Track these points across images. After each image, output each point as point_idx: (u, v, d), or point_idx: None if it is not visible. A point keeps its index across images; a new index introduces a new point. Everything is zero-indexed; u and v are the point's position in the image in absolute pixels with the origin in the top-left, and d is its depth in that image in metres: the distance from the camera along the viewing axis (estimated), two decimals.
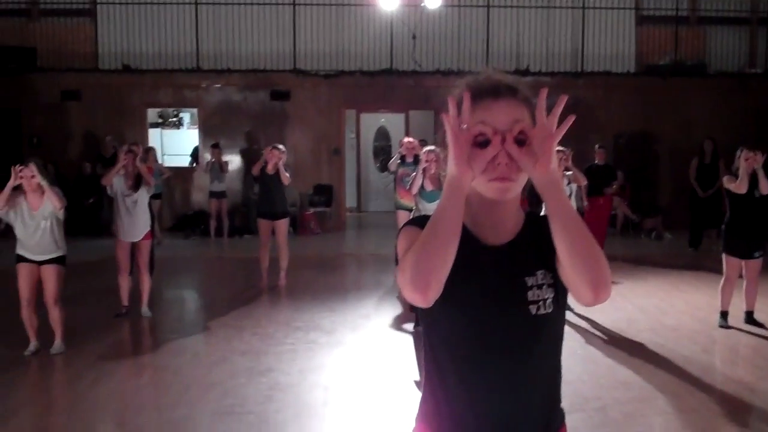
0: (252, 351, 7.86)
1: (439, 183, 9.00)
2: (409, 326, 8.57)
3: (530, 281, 2.05)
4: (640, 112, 17.38)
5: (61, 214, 7.60)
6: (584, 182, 10.03)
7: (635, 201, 16.85)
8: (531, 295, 2.04)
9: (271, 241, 11.09)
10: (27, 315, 7.64)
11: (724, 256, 8.79)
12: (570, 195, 9.43)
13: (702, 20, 18.33)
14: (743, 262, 8.63)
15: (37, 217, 7.49)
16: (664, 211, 16.73)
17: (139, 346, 8.52)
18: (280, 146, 11.09)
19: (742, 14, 18.29)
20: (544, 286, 2.05)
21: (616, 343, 8.08)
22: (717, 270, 12.19)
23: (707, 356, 7.71)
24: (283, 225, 11.10)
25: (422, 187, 9.00)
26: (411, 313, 8.64)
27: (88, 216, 15.60)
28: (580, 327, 8.62)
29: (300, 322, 9.01)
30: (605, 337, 8.32)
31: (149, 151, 14.38)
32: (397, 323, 8.99)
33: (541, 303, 2.04)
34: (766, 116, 17.00)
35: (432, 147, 9.44)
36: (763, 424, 5.96)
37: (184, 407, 6.24)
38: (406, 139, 11.97)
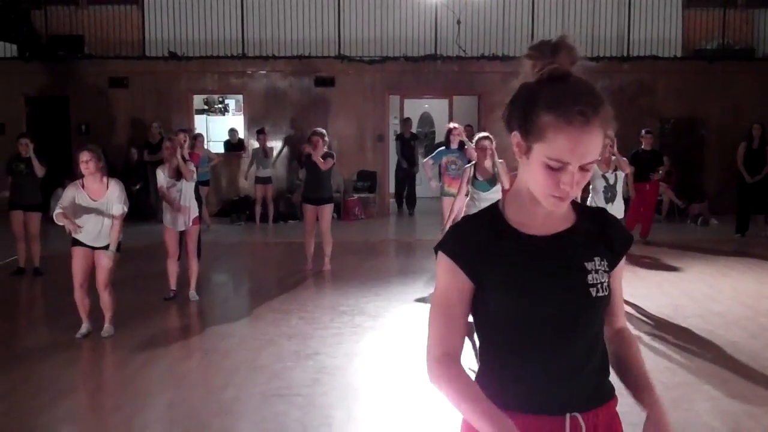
0: (298, 335, 7.94)
1: (490, 173, 9.00)
2: None
3: (589, 266, 2.16)
4: (686, 97, 17.19)
5: (119, 208, 7.67)
6: (629, 170, 9.96)
7: (681, 186, 16.69)
8: (591, 278, 2.15)
9: (316, 226, 11.17)
10: (79, 298, 7.78)
11: None
12: (615, 182, 9.38)
13: (750, 3, 18.04)
14: None
15: (99, 207, 7.58)
16: (711, 196, 16.55)
17: (187, 329, 8.63)
18: (320, 130, 11.13)
19: None
20: (601, 271, 2.18)
21: (663, 329, 8.04)
22: (764, 256, 12.14)
23: (756, 342, 7.63)
24: (327, 211, 11.15)
25: (475, 177, 8.97)
26: None
27: (135, 201, 15.78)
28: (627, 313, 8.56)
29: (345, 307, 9.08)
30: (651, 323, 8.28)
31: (197, 138, 14.53)
32: None
33: (599, 286, 2.16)
34: None
35: (486, 134, 9.38)
36: None
37: (232, 389, 6.33)
38: (452, 125, 11.91)
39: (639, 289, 9.64)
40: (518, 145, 2.14)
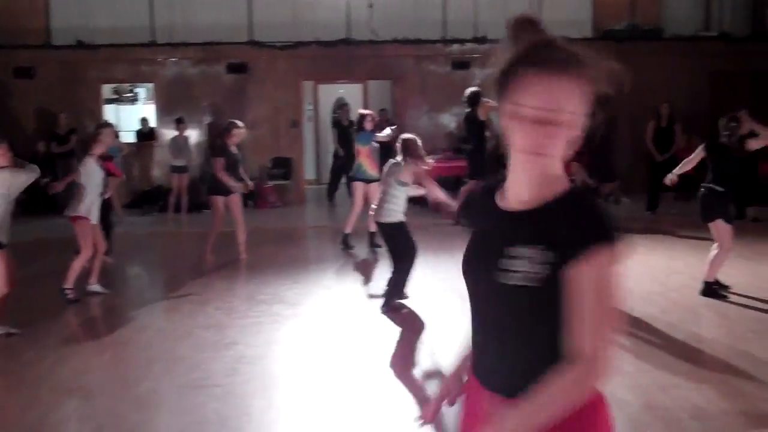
0: (216, 325, 7.85)
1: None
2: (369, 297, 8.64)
3: (514, 251, 2.03)
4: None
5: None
6: None
7: (593, 166, 16.92)
8: (506, 263, 2.03)
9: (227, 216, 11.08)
10: None
11: (721, 223, 8.22)
12: None
13: None
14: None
15: None
16: (622, 175, 16.83)
17: (103, 323, 8.46)
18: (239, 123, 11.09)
19: None
20: (529, 260, 2.00)
21: None
22: (674, 233, 12.44)
23: (666, 316, 7.80)
24: (236, 200, 11.05)
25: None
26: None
27: (42, 195, 15.37)
28: None
29: (263, 295, 9.01)
30: None
31: (104, 128, 14.17)
32: (358, 293, 9.03)
33: (516, 274, 2.01)
34: (721, 79, 17.14)
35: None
36: (718, 377, 6.08)
37: (149, 381, 6.24)
38: (364, 111, 11.94)
39: None
40: (502, 109, 2.12)
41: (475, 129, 11.98)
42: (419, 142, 8.17)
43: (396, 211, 8.01)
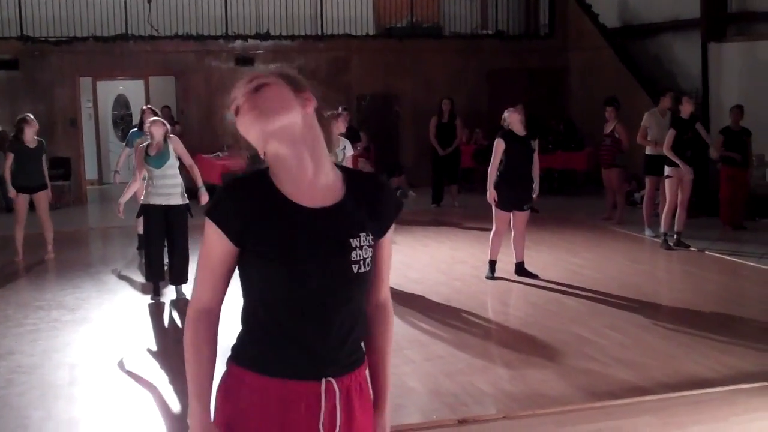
0: None
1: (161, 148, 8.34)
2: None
3: (354, 242, 2.22)
4: (381, 73, 17.72)
5: None
6: None
7: (380, 161, 17.22)
8: (354, 255, 2.22)
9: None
10: None
11: (495, 210, 8.85)
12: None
13: None
14: (512, 214, 8.87)
15: None
16: (408, 169, 17.21)
17: None
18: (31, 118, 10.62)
19: None
20: (365, 247, 2.24)
21: None
22: (458, 224, 12.84)
23: (451, 304, 8.04)
24: (43, 197, 10.69)
25: (147, 153, 8.29)
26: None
27: None
28: None
29: (41, 302, 8.57)
30: None
31: None
32: (141, 295, 8.75)
33: (362, 262, 2.23)
34: (497, 75, 17.85)
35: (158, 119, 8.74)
36: (502, 361, 6.31)
37: None
38: (145, 107, 11.57)
39: None
40: None
41: None
42: None
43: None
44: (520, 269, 9.07)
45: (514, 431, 5.03)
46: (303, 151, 2.22)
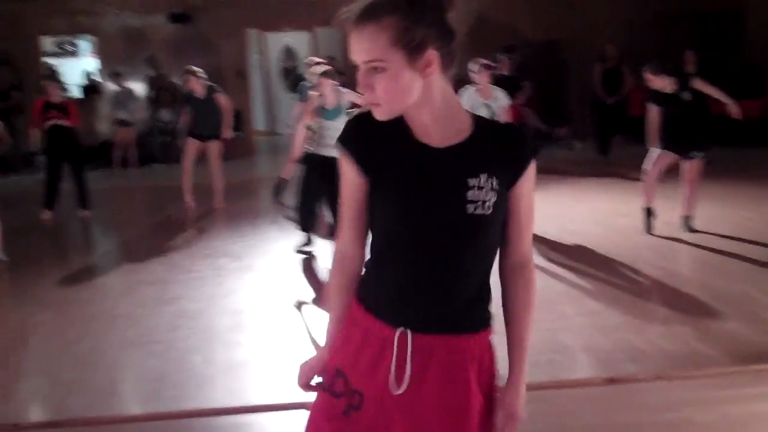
0: (159, 281, 7.74)
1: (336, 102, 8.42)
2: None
3: (472, 182, 2.09)
4: (545, 19, 17.24)
5: None
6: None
7: (545, 111, 16.84)
8: (471, 195, 2.08)
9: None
10: None
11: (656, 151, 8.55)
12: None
13: None
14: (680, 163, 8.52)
15: None
16: (574, 120, 16.78)
17: (41, 281, 8.24)
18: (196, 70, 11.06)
19: None
20: (487, 189, 2.10)
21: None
22: (624, 176, 12.45)
23: (610, 257, 7.84)
24: (214, 147, 11.13)
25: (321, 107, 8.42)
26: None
27: None
28: None
29: (208, 249, 8.90)
30: None
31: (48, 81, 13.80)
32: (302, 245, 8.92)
33: (480, 204, 2.09)
34: (665, 18, 17.01)
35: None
36: (660, 319, 6.11)
37: (89, 340, 6.14)
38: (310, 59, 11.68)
39: None
40: None
41: None
42: None
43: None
44: (687, 223, 8.69)
45: (667, 394, 4.84)
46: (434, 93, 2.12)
